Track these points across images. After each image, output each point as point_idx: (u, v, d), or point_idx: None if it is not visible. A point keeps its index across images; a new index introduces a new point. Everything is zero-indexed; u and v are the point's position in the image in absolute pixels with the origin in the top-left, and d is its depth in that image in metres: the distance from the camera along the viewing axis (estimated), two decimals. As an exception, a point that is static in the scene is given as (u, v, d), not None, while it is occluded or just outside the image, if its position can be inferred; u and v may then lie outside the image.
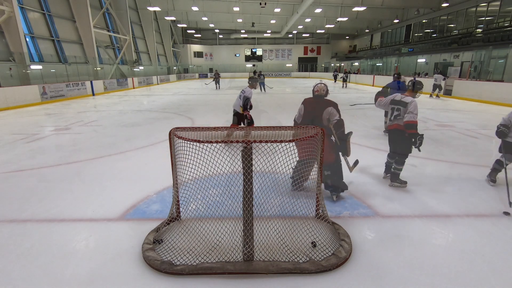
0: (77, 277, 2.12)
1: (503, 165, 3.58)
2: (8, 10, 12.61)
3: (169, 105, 12.21)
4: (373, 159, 4.77)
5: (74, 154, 5.19)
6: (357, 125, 7.54)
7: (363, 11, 26.38)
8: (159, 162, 4.60)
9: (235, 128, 2.73)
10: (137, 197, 3.40)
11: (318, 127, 2.49)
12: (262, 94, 16.67)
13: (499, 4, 18.66)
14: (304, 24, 35.21)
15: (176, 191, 2.68)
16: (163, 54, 36.20)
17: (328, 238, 2.49)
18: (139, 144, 5.88)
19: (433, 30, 25.46)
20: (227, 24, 37.82)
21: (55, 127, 7.78)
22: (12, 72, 13.24)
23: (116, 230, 2.74)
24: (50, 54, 16.68)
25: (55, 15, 17.32)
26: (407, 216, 2.94)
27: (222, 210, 2.89)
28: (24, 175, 4.19)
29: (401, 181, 3.59)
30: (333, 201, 3.25)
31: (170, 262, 2.19)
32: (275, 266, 2.15)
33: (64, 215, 3.02)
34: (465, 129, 6.98)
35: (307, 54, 44.64)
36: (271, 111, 10.23)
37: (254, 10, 29.36)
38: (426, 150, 5.19)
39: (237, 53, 44.52)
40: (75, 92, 15.51)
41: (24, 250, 2.44)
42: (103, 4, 22.28)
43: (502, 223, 2.81)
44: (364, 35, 38.93)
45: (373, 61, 29.45)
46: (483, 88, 12.63)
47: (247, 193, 2.15)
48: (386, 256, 2.33)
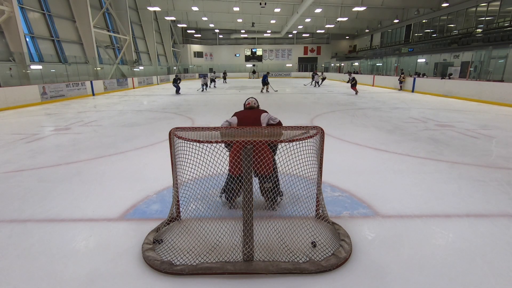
0: (77, 277, 2.12)
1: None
2: (8, 10, 12.62)
3: (169, 105, 12.21)
4: (373, 159, 4.78)
5: (74, 154, 5.19)
6: (357, 125, 7.54)
7: (363, 11, 26.40)
8: (159, 162, 4.60)
9: (235, 128, 2.72)
10: (137, 197, 3.40)
11: (318, 127, 2.49)
12: (262, 95, 16.67)
13: (499, 4, 18.67)
14: (304, 24, 35.23)
15: (176, 191, 2.68)
16: (163, 54, 36.22)
17: (328, 238, 2.49)
18: (139, 144, 5.88)
19: (433, 30, 25.47)
20: (227, 24, 37.84)
21: (55, 127, 7.79)
22: (12, 72, 13.25)
23: (116, 230, 2.74)
24: (50, 54, 16.69)
25: (55, 15, 17.32)
26: (407, 216, 2.94)
27: (222, 210, 2.89)
28: (24, 175, 4.19)
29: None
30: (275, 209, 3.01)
31: (170, 262, 2.19)
32: (275, 266, 2.15)
33: (64, 215, 3.02)
34: (465, 129, 6.98)
35: (307, 54, 44.66)
36: (271, 111, 10.22)
37: (254, 10, 29.38)
38: (426, 150, 5.20)
39: (237, 53, 44.53)
40: (75, 92, 15.52)
41: (24, 250, 2.44)
42: (103, 4, 22.29)
43: (502, 223, 2.81)
44: (364, 35, 38.94)
45: (373, 61, 29.44)
46: (483, 88, 12.63)
47: (247, 193, 2.15)
48: (386, 256, 2.33)
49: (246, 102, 3.37)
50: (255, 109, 3.24)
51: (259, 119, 3.02)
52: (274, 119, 3.05)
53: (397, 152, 5.12)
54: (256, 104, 3.34)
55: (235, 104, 12.14)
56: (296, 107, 11.13)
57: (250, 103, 3.33)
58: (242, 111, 3.22)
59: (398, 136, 6.32)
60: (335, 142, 5.86)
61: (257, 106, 3.35)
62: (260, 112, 3.12)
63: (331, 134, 6.39)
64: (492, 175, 3.99)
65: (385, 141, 5.86)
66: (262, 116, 3.04)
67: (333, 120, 8.40)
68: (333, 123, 7.85)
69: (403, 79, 18.25)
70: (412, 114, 9.18)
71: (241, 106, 4.39)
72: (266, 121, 3.04)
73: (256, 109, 3.27)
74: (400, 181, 3.84)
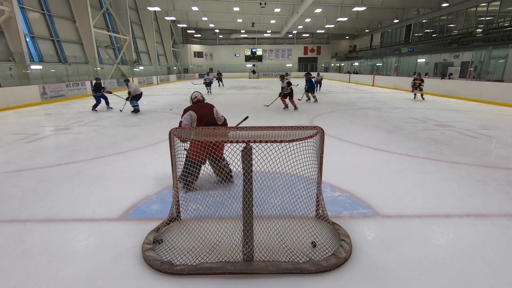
0: (77, 277, 2.12)
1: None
2: (8, 10, 12.62)
3: (169, 105, 12.20)
4: (373, 159, 4.78)
5: (74, 154, 5.19)
6: (357, 125, 7.54)
7: (363, 11, 26.39)
8: (159, 162, 4.61)
9: (235, 128, 2.73)
10: (137, 197, 3.40)
11: (318, 127, 2.49)
12: (263, 95, 16.66)
13: (499, 4, 18.67)
14: (304, 24, 35.21)
15: (176, 191, 2.68)
16: (163, 54, 36.21)
17: (328, 238, 2.49)
18: (139, 144, 5.88)
19: (433, 30, 25.46)
20: (227, 24, 37.82)
21: (55, 127, 7.78)
22: (12, 72, 13.25)
23: (116, 230, 2.74)
24: (50, 54, 16.69)
25: (55, 15, 17.32)
26: (407, 216, 2.94)
27: (222, 210, 2.89)
28: (24, 175, 4.19)
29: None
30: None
31: (170, 262, 2.19)
32: (275, 266, 2.15)
33: (64, 215, 3.02)
34: (465, 129, 6.98)
35: (307, 54, 44.65)
36: (271, 111, 10.22)
37: (254, 10, 29.37)
38: (426, 150, 5.20)
39: (237, 53, 44.52)
40: (75, 92, 15.52)
41: (24, 250, 2.44)
42: (103, 4, 22.29)
43: (502, 223, 2.81)
44: (364, 35, 38.93)
45: (373, 61, 29.44)
46: (483, 88, 12.63)
47: (247, 193, 2.15)
48: (386, 256, 2.33)
49: (193, 96, 3.86)
50: (205, 104, 3.78)
51: (213, 114, 3.68)
52: (220, 119, 3.75)
53: (397, 152, 5.12)
54: (202, 96, 3.88)
55: (234, 104, 12.14)
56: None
57: (197, 96, 3.85)
58: (194, 106, 3.70)
59: (398, 136, 6.32)
60: (335, 142, 5.86)
61: (203, 98, 3.90)
62: (211, 107, 3.73)
63: (331, 134, 6.39)
64: (492, 175, 3.99)
65: (385, 141, 5.86)
66: (214, 110, 3.71)
67: (333, 120, 8.40)
68: (333, 123, 7.85)
69: (419, 84, 13.05)
70: (412, 114, 9.18)
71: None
72: (216, 117, 3.70)
73: (206, 103, 3.82)
74: (400, 181, 3.84)
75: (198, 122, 3.59)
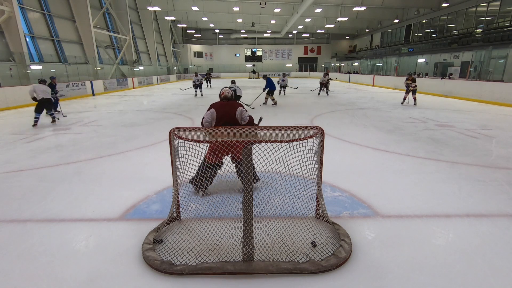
0: (77, 277, 2.12)
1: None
2: (8, 10, 12.61)
3: (169, 105, 12.20)
4: (373, 159, 4.78)
5: (74, 154, 5.19)
6: (357, 125, 7.54)
7: (363, 11, 26.40)
8: (159, 162, 4.60)
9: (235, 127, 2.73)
10: (137, 197, 3.40)
11: (318, 127, 2.49)
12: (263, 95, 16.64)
13: (499, 4, 18.67)
14: (304, 24, 35.21)
15: (176, 191, 2.68)
16: (163, 54, 36.20)
17: (328, 238, 2.49)
18: (139, 144, 5.88)
19: (433, 30, 25.47)
20: (227, 24, 37.83)
21: (55, 127, 7.78)
22: (12, 72, 13.25)
23: (116, 230, 2.74)
24: (50, 54, 16.68)
25: (55, 15, 17.32)
26: (407, 216, 2.94)
27: (222, 210, 2.89)
28: (24, 175, 4.19)
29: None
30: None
31: (170, 262, 2.19)
32: (275, 266, 2.15)
33: (64, 215, 3.02)
34: (465, 129, 6.98)
35: (307, 54, 44.64)
36: (271, 111, 10.22)
37: (254, 10, 29.37)
38: (426, 150, 5.20)
39: (237, 53, 44.52)
40: (75, 92, 15.51)
41: (24, 250, 2.44)
42: (103, 4, 22.28)
43: (502, 223, 2.81)
44: (364, 35, 38.93)
45: (373, 61, 29.45)
46: (483, 88, 12.63)
47: (247, 193, 2.15)
48: (386, 256, 2.33)
49: (221, 92, 3.62)
50: (231, 103, 3.52)
51: (234, 114, 3.40)
52: (244, 119, 3.42)
53: (397, 152, 5.12)
54: (230, 94, 3.60)
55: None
56: (296, 107, 11.13)
57: (224, 92, 3.59)
58: (218, 103, 3.50)
59: (398, 136, 6.32)
60: (335, 142, 5.86)
61: (231, 96, 3.62)
62: (236, 106, 3.46)
63: (331, 134, 6.39)
64: (492, 175, 3.99)
65: (385, 141, 5.86)
66: (237, 111, 3.41)
67: (333, 120, 8.40)
68: (333, 123, 7.85)
69: (411, 85, 11.34)
70: (412, 114, 9.18)
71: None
72: (240, 117, 3.42)
73: (231, 102, 3.56)
74: (400, 181, 3.84)
75: (216, 122, 3.44)
